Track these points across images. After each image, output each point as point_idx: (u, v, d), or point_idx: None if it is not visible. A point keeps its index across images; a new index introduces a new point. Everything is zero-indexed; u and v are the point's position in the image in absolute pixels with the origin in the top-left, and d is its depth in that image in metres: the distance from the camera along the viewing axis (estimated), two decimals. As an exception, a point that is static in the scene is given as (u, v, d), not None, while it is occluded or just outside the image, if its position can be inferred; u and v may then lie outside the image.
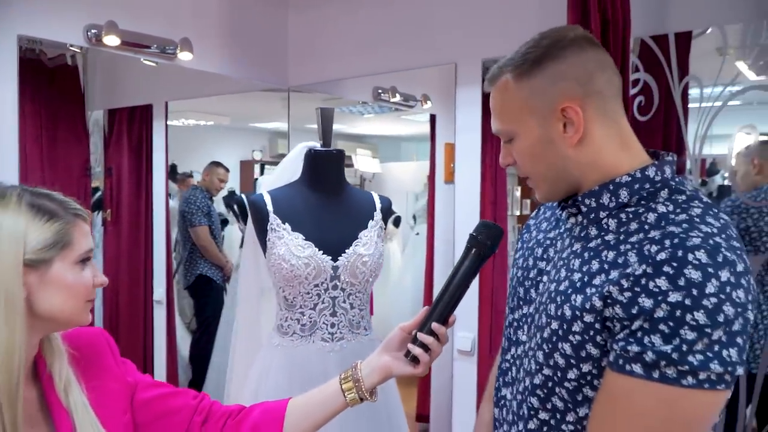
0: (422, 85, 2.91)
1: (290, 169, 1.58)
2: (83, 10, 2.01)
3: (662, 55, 1.81)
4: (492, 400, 1.13)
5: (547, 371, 0.93)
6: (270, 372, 1.48)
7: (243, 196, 3.43)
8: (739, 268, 0.81)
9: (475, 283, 1.80)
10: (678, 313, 0.78)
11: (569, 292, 0.90)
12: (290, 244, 1.45)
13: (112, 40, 1.99)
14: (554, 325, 0.91)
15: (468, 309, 2.20)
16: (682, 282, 0.79)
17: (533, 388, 0.95)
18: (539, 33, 0.96)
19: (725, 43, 1.76)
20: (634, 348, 0.80)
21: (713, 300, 0.78)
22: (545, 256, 1.02)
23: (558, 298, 0.92)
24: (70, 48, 2.11)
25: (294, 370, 1.45)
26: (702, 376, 0.77)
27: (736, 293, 0.79)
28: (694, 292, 0.78)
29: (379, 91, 2.80)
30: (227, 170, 3.25)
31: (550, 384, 0.93)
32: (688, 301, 0.78)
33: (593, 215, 0.93)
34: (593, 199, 0.93)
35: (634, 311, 0.81)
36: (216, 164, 3.20)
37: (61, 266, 0.93)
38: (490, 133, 2.29)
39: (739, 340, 0.79)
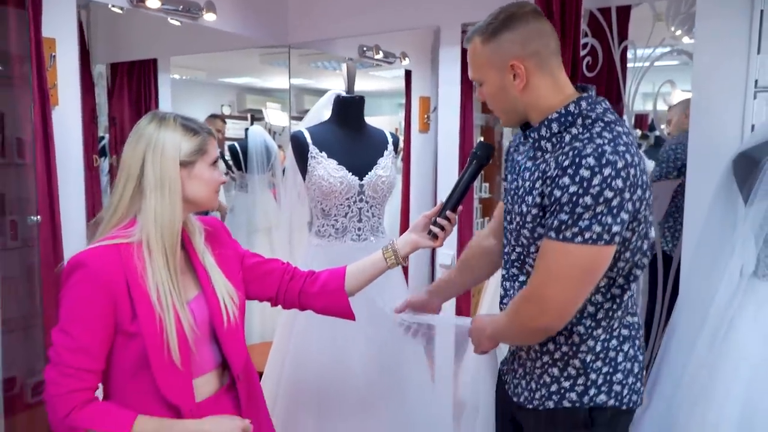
0: (400, 44, 3.43)
1: (321, 112, 2.12)
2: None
3: (606, 24, 2.40)
4: (460, 270, 1.81)
5: (518, 249, 1.49)
6: (311, 267, 2.02)
7: (236, 144, 3.90)
8: (619, 165, 1.25)
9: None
10: (574, 198, 1.26)
11: (523, 194, 1.45)
12: (328, 167, 2.00)
13: (153, 3, 2.43)
14: (518, 218, 1.46)
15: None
16: (577, 179, 1.26)
17: (512, 262, 1.53)
18: (500, 7, 1.45)
19: (655, 13, 2.35)
20: (549, 221, 1.31)
21: (597, 189, 1.24)
22: (516, 174, 1.55)
23: (518, 200, 1.47)
24: (112, 9, 2.54)
25: (330, 264, 2.00)
26: (587, 235, 1.26)
27: (615, 182, 1.24)
28: (585, 184, 1.25)
29: (365, 48, 3.31)
30: (224, 122, 3.72)
31: (522, 257, 1.49)
32: (580, 191, 1.25)
33: (537, 144, 1.45)
34: (536, 132, 1.44)
35: (552, 199, 1.30)
36: (214, 117, 3.66)
37: (201, 166, 1.45)
38: (466, 87, 2.85)
39: (615, 212, 1.25)
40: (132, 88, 3.58)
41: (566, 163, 1.29)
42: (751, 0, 1.94)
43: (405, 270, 2.82)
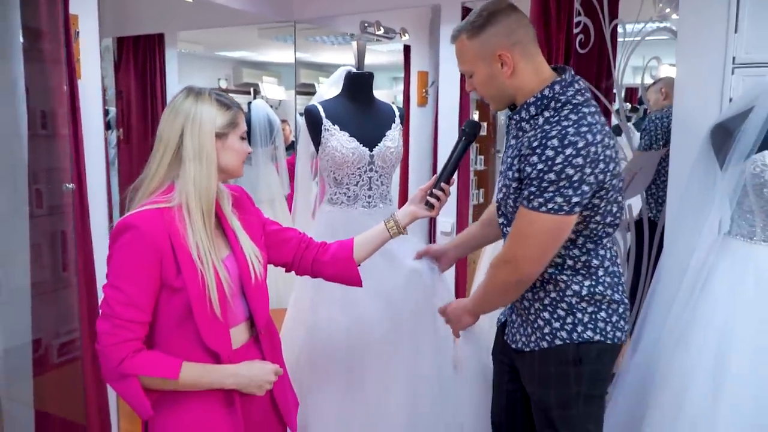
0: (400, 20, 3.58)
1: (333, 87, 2.29)
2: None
3: (597, 3, 2.57)
4: (482, 224, 2.03)
5: (509, 216, 1.71)
6: (324, 232, 2.21)
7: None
8: (580, 145, 1.49)
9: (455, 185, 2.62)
10: (541, 174, 1.51)
11: (505, 169, 1.68)
12: (341, 139, 2.17)
13: (167, -18, 2.58)
14: (504, 190, 1.69)
15: (449, 200, 2.99)
16: (543, 158, 1.50)
17: (503, 226, 1.76)
18: (480, 6, 1.66)
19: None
20: (524, 191, 1.56)
21: (559, 166, 1.49)
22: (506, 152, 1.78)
23: (505, 173, 1.69)
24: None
25: (343, 229, 2.18)
26: (550, 205, 1.52)
27: (576, 161, 1.48)
28: (549, 163, 1.49)
29: (366, 24, 3.46)
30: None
31: (511, 219, 1.70)
32: (546, 168, 1.50)
33: (519, 125, 1.68)
34: (518, 115, 1.67)
35: (524, 175, 1.56)
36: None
37: (233, 138, 1.61)
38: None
39: (576, 185, 1.49)
40: (138, 62, 3.71)
41: (535, 144, 1.54)
42: (730, -17, 2.13)
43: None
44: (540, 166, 1.51)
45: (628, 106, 3.94)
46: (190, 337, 1.53)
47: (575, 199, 1.51)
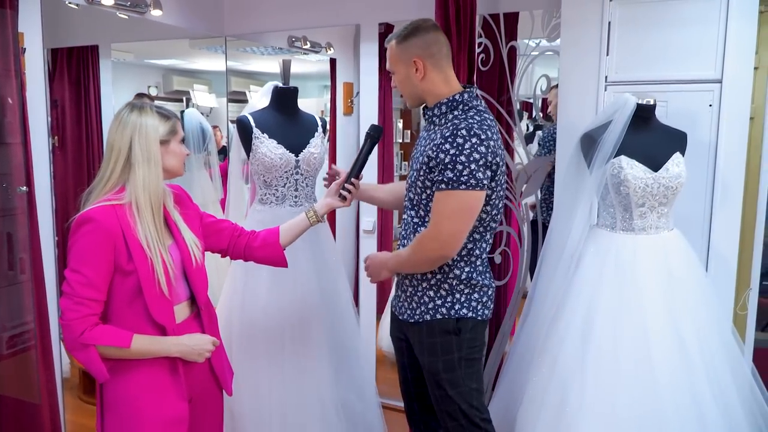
0: (325, 35, 3.99)
1: (262, 100, 2.69)
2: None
3: (495, 27, 3.05)
4: (386, 189, 2.45)
5: (417, 195, 2.11)
6: (257, 228, 2.59)
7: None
8: (483, 137, 1.93)
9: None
10: (454, 158, 1.91)
11: (418, 156, 2.11)
12: (269, 146, 2.57)
13: (108, 1, 2.92)
14: (414, 174, 2.11)
15: (370, 201, 3.43)
16: (454, 145, 1.92)
17: (411, 206, 2.17)
18: (411, 21, 2.10)
19: (533, 20, 3.02)
20: (439, 177, 1.96)
21: (467, 152, 1.91)
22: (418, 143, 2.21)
23: (417, 158, 2.11)
24: (69, 5, 2.99)
25: (273, 226, 2.57)
26: (463, 179, 1.90)
27: (479, 149, 1.92)
28: (459, 149, 1.91)
29: (293, 39, 3.85)
30: (153, 100, 4.18)
31: (416, 201, 2.12)
32: (457, 152, 1.91)
33: (431, 119, 2.12)
34: (431, 111, 2.12)
35: (437, 161, 1.97)
36: (142, 95, 4.13)
37: (174, 143, 1.97)
38: (385, 77, 3.44)
39: (482, 168, 1.91)
40: (72, 72, 3.98)
41: (447, 133, 1.97)
42: (601, 14, 2.64)
43: (333, 231, 3.42)
44: (452, 151, 1.92)
45: (541, 115, 4.43)
46: (140, 313, 1.86)
47: (480, 176, 1.93)
